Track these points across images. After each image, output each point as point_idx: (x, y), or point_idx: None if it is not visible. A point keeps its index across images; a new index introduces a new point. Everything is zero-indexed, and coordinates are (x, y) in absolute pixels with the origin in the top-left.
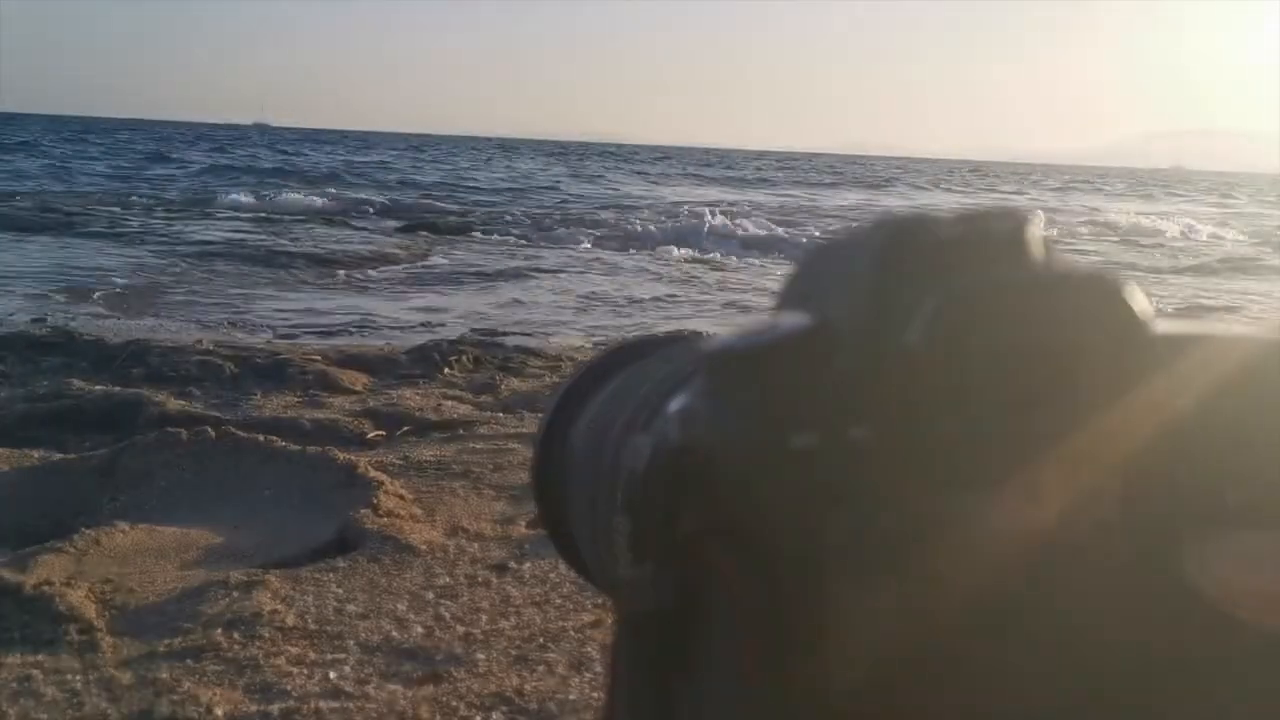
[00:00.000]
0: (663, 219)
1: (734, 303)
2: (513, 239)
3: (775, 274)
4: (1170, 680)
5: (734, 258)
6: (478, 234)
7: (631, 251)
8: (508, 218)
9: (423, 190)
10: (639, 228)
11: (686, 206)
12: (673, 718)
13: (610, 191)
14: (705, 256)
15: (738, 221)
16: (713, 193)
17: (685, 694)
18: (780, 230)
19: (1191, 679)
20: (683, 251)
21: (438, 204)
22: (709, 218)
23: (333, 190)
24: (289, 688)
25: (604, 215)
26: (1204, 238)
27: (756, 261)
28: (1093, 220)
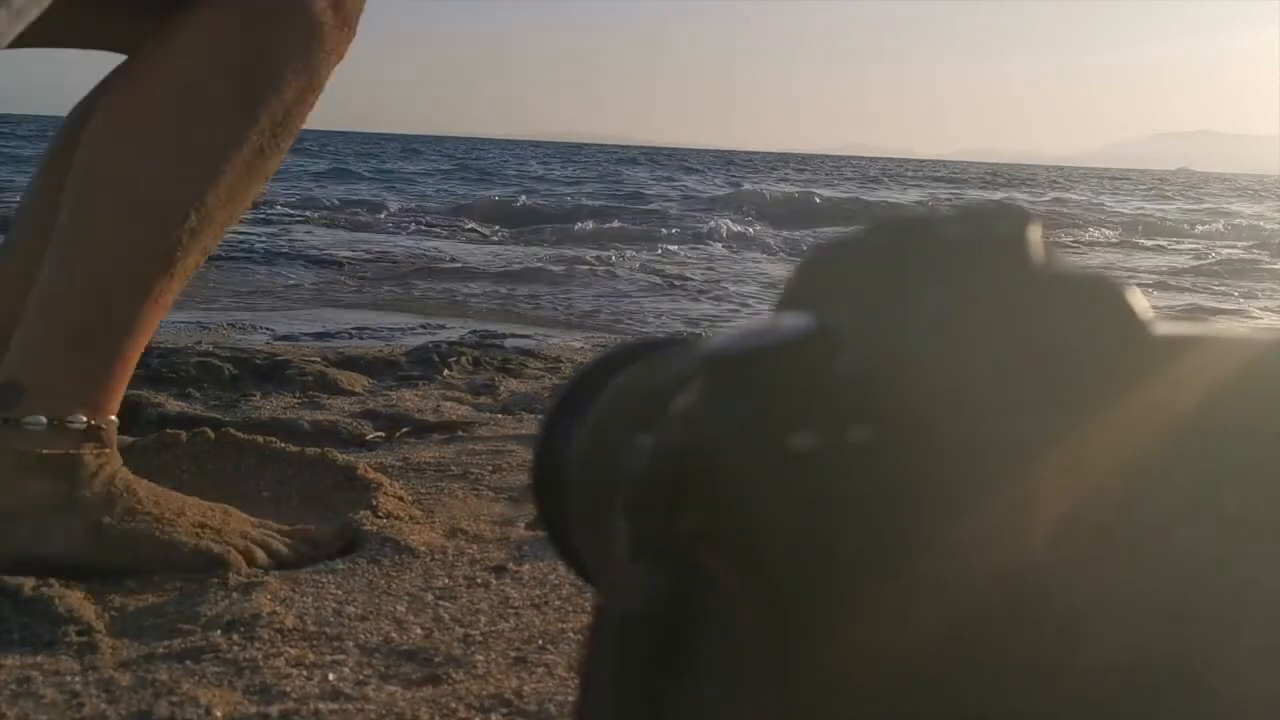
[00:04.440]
0: None
1: None
2: None
3: None
4: (1170, 683)
5: None
6: None
7: None
8: None
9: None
10: None
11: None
12: None
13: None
14: None
15: None
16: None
17: (676, 699)
18: None
19: (1192, 682)
20: None
21: None
22: None
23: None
24: (288, 689)
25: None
26: None
27: None
28: None
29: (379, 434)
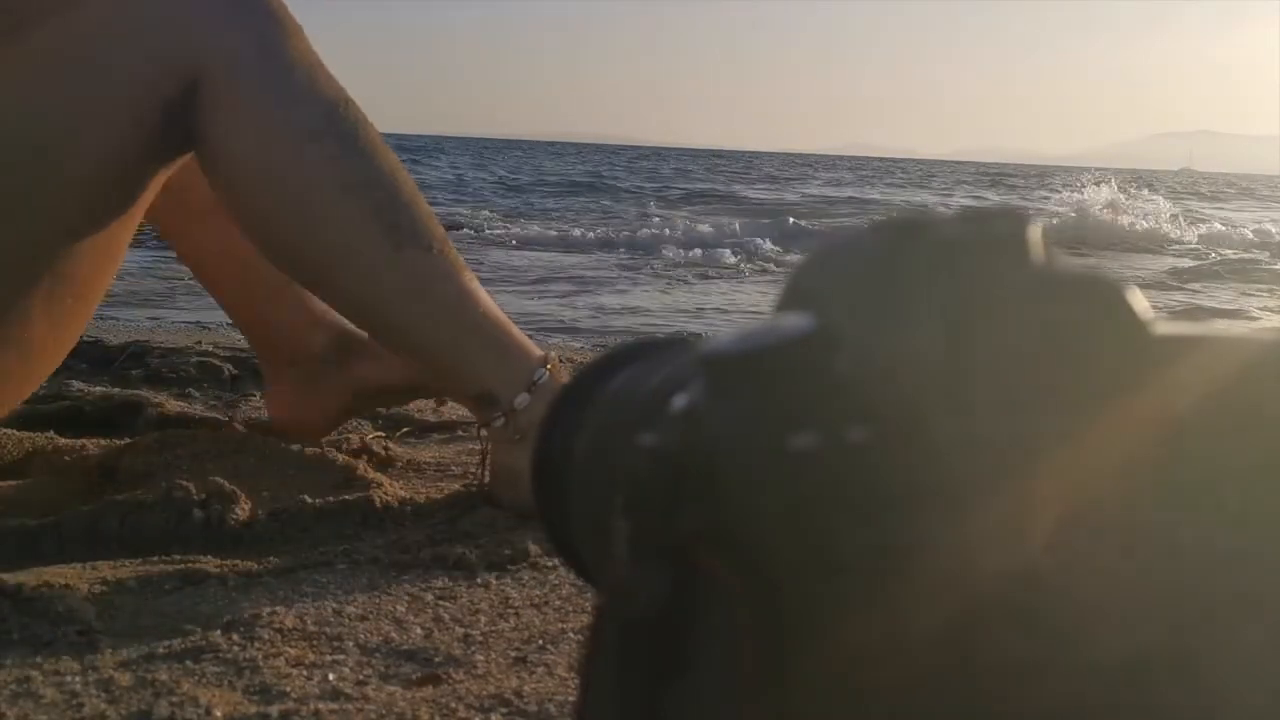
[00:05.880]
0: None
1: None
2: None
3: None
4: (1170, 684)
5: None
6: None
7: None
8: None
9: None
10: None
11: None
12: None
13: None
14: None
15: None
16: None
17: (676, 699)
18: None
19: (1192, 682)
20: None
21: None
22: None
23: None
24: (288, 689)
25: None
26: None
27: None
28: None
29: (379, 434)
